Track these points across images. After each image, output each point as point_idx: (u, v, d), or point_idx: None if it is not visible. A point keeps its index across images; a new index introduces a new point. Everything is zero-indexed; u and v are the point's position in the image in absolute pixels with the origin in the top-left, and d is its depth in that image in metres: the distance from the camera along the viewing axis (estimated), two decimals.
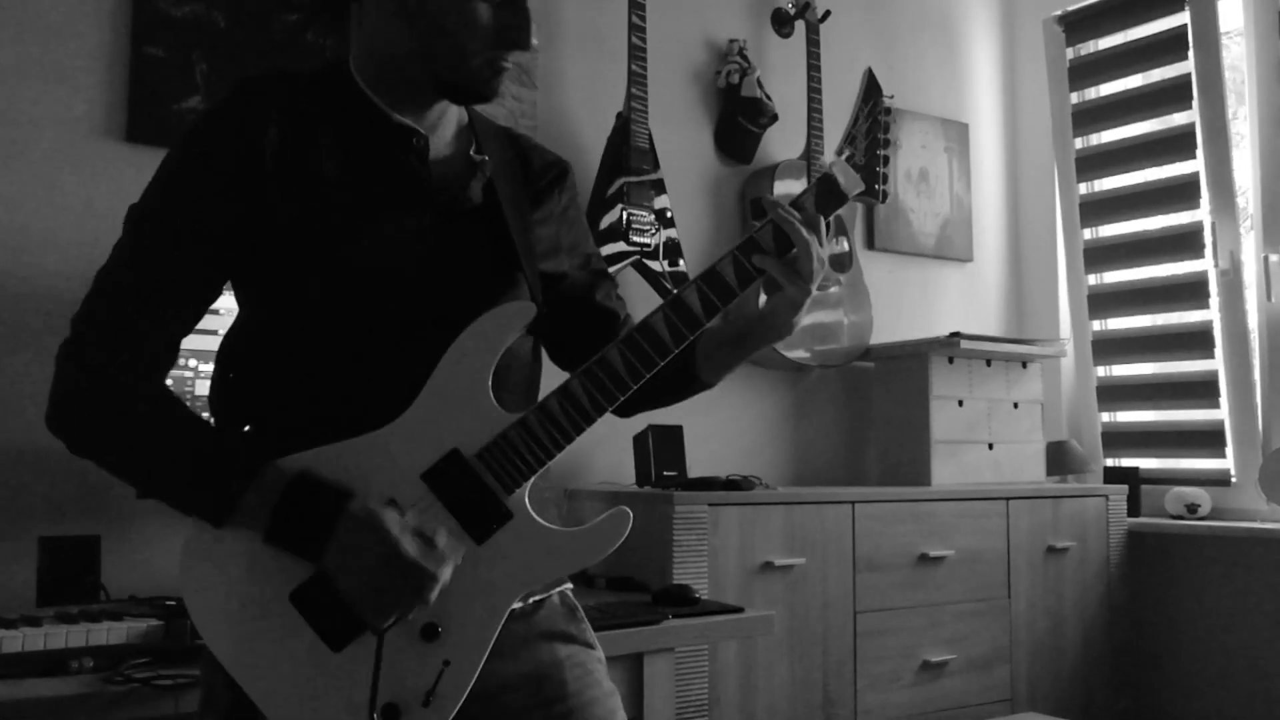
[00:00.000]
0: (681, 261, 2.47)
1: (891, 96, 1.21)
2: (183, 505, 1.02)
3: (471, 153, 1.15)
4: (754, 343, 1.19)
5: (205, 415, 1.12)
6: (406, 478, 1.01)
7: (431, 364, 1.03)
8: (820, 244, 1.11)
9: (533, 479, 1.04)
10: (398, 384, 1.03)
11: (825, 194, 1.12)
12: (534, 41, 1.07)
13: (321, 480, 0.99)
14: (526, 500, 1.04)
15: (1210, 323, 2.85)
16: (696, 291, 1.08)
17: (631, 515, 1.06)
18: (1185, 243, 2.90)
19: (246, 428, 1.11)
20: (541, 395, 1.09)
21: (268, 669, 0.99)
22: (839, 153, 1.16)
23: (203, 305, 1.08)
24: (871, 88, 1.17)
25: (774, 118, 2.70)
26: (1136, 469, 2.93)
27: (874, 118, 1.16)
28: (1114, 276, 3.10)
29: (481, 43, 1.05)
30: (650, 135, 2.42)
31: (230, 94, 1.08)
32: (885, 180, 1.16)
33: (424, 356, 1.03)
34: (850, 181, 1.13)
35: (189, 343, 1.11)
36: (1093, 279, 3.12)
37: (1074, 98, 3.15)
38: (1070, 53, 3.17)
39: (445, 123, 1.15)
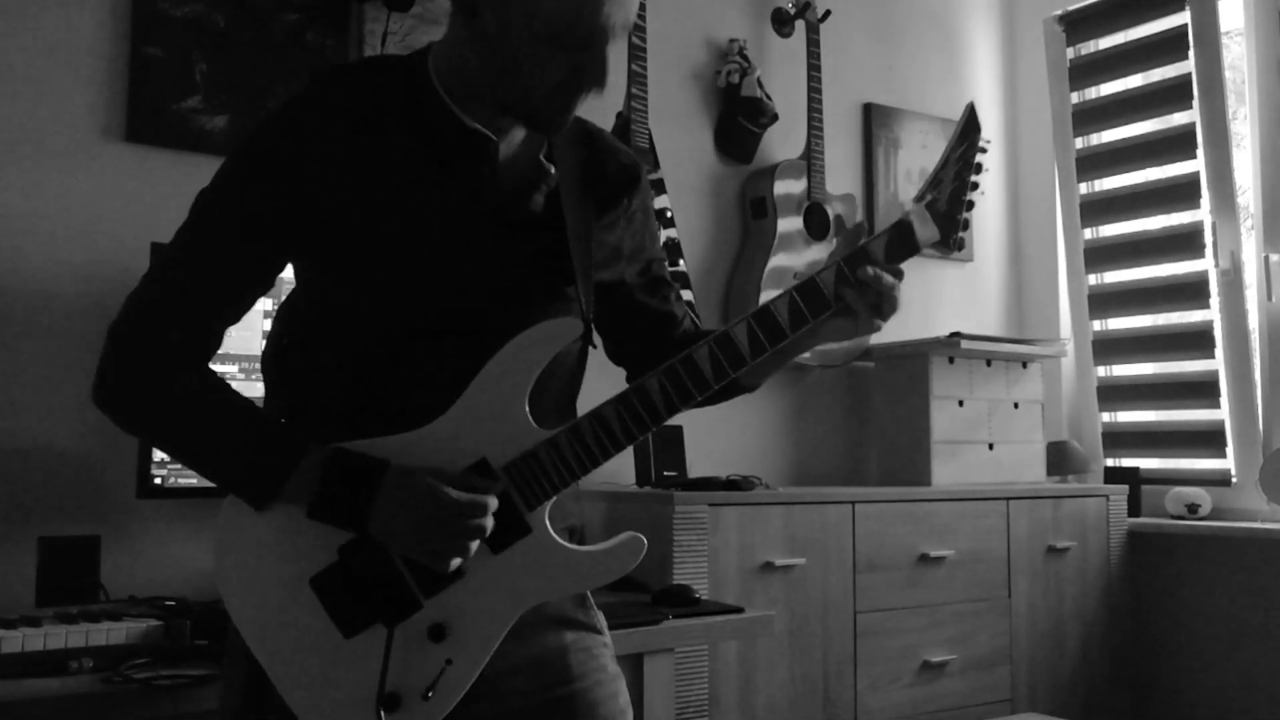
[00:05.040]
0: (681, 261, 2.47)
1: (989, 141, 1.09)
2: (225, 487, 1.05)
3: (541, 156, 1.15)
4: (797, 349, 1.16)
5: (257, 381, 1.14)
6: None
7: (473, 371, 1.05)
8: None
9: (555, 498, 1.06)
10: (438, 388, 1.05)
11: (898, 242, 1.07)
12: (609, 79, 1.06)
13: (355, 453, 1.02)
14: (547, 518, 1.06)
15: (1211, 323, 2.85)
16: (746, 329, 1.07)
17: (646, 543, 1.07)
18: (1186, 242, 2.90)
19: (287, 404, 1.13)
20: (578, 401, 1.11)
21: (283, 645, 1.03)
22: (920, 197, 1.08)
23: (254, 295, 1.10)
24: (970, 127, 1.07)
25: (774, 117, 2.70)
26: (1137, 469, 2.93)
27: (966, 159, 1.08)
28: (1114, 276, 3.10)
29: (549, 90, 1.05)
30: (650, 135, 2.42)
31: (307, 87, 1.09)
32: (966, 227, 1.07)
33: (467, 363, 1.05)
34: (927, 232, 1.07)
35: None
36: (1093, 279, 3.12)
37: (1074, 97, 3.14)
38: (1071, 52, 3.16)
39: (517, 126, 1.13)
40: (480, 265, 1.10)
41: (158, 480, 1.72)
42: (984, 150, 1.08)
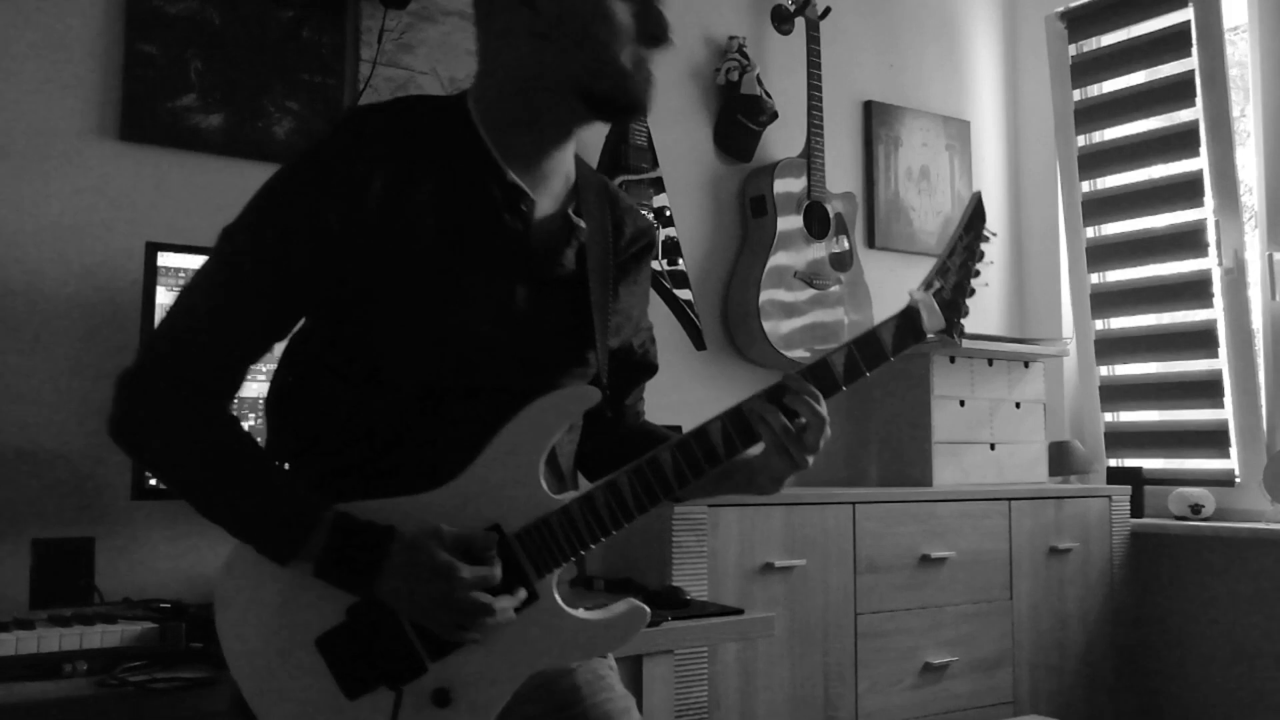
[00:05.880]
0: (681, 260, 2.45)
1: (994, 233, 1.12)
2: (248, 541, 1.02)
3: (570, 212, 1.13)
4: (732, 486, 1.16)
5: (256, 419, 1.13)
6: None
7: (489, 431, 1.03)
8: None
9: (564, 566, 1.05)
10: (452, 447, 1.04)
11: (905, 329, 1.09)
12: (671, 38, 1.05)
13: (360, 520, 1.00)
14: (554, 586, 1.05)
15: (1214, 322, 2.83)
16: (756, 403, 1.07)
17: (649, 613, 1.08)
18: (1188, 241, 2.88)
19: (292, 449, 1.11)
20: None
21: (283, 704, 1.01)
22: (927, 286, 1.10)
23: (275, 339, 1.08)
24: (976, 218, 1.11)
25: (774, 115, 2.69)
26: (1140, 469, 2.91)
27: (970, 249, 1.11)
28: (1117, 275, 3.08)
29: (628, 43, 1.03)
30: (649, 133, 2.40)
31: (340, 128, 1.05)
32: (966, 314, 1.10)
33: (485, 422, 1.04)
34: (933, 320, 1.09)
35: None
36: (1095, 278, 3.10)
37: (1076, 95, 3.13)
38: (1072, 49, 3.15)
39: (554, 176, 1.12)
40: (508, 323, 1.08)
41: (153, 482, 1.70)
42: (987, 240, 1.11)
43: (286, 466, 1.11)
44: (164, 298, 1.71)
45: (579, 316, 1.13)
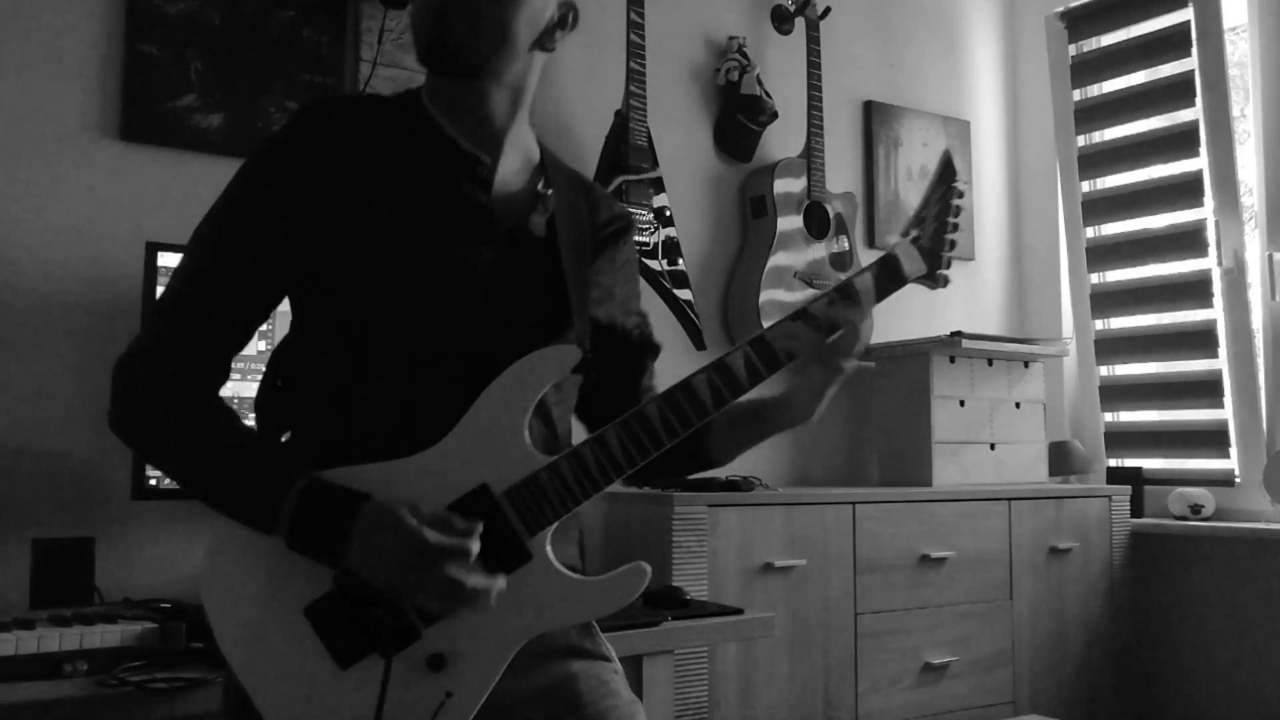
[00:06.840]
0: (680, 260, 2.45)
1: (966, 183, 1.18)
2: (231, 513, 1.03)
3: (538, 187, 1.16)
4: (770, 425, 1.17)
5: (250, 420, 1.14)
6: (433, 507, 1.01)
7: (472, 397, 1.04)
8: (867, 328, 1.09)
9: (556, 524, 1.04)
10: (438, 414, 1.04)
11: (885, 275, 1.10)
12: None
13: (333, 485, 1.00)
14: (548, 544, 1.04)
15: (1214, 322, 2.83)
16: (743, 356, 1.07)
17: (649, 572, 1.06)
18: (1188, 241, 2.89)
19: (285, 436, 1.12)
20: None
21: (274, 676, 1.00)
22: (905, 234, 1.13)
23: (255, 324, 1.10)
24: (947, 171, 1.14)
25: (774, 115, 2.69)
26: (1140, 469, 2.92)
27: (946, 202, 1.13)
28: (1116, 275, 3.08)
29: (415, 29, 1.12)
30: (649, 133, 2.40)
31: (297, 117, 1.10)
32: (948, 265, 1.14)
33: (466, 388, 1.04)
34: (913, 265, 1.11)
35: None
36: (1095, 278, 3.11)
37: (1076, 95, 3.13)
38: (1073, 49, 3.15)
39: (512, 151, 1.15)
40: (480, 289, 1.09)
41: (153, 481, 1.70)
42: (961, 194, 1.14)
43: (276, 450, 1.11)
44: None
45: (553, 282, 1.14)
